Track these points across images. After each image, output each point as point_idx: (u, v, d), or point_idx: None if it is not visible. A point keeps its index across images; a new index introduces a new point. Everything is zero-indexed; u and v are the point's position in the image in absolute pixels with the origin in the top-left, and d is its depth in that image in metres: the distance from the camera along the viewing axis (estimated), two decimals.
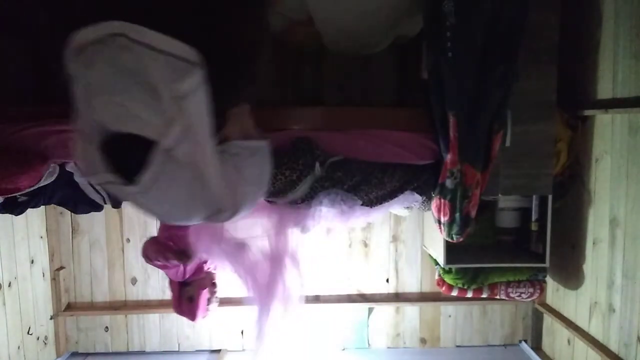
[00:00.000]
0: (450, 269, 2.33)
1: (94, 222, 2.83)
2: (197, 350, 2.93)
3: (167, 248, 1.84)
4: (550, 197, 2.15)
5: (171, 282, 2.02)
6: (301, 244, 1.73)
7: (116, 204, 2.00)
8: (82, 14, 0.98)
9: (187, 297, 1.95)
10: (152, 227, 2.78)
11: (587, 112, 2.17)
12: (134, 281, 2.88)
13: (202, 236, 1.74)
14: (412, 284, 2.95)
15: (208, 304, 2.02)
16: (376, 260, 2.93)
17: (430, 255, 2.57)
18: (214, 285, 2.01)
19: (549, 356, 2.73)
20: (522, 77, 1.81)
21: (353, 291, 2.94)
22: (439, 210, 1.92)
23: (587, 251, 2.27)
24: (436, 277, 2.47)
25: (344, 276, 2.93)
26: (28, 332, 2.59)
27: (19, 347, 2.50)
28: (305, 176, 1.62)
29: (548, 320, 2.75)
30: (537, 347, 2.85)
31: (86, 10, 1.00)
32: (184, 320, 2.81)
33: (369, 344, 2.96)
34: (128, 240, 2.85)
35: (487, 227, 2.48)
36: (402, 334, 2.98)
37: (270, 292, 1.65)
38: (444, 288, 2.41)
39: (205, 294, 1.96)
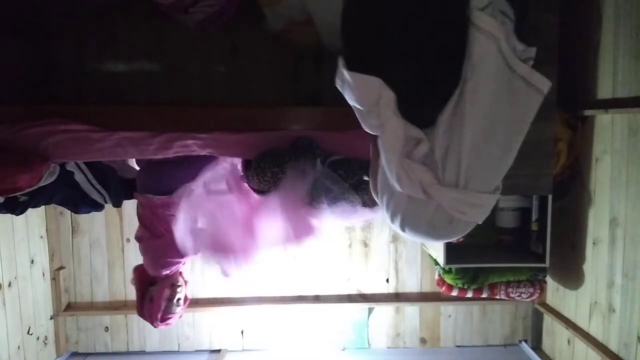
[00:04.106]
0: (450, 269, 2.33)
1: (94, 222, 2.83)
2: (197, 350, 2.93)
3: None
4: (550, 197, 2.14)
5: (136, 282, 1.97)
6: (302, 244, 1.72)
7: (117, 203, 1.99)
8: None
9: (149, 297, 1.89)
10: None
11: (587, 112, 2.17)
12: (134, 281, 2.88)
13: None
14: (412, 284, 2.95)
15: (170, 307, 1.89)
16: (376, 260, 2.93)
17: (430, 255, 2.57)
18: (173, 287, 1.89)
19: (549, 356, 2.73)
20: None
21: (353, 291, 2.94)
22: None
23: (587, 251, 2.27)
24: (436, 277, 2.47)
25: (344, 276, 2.93)
26: (28, 332, 2.59)
27: (19, 347, 2.50)
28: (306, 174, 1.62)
29: (548, 320, 2.75)
30: (537, 347, 2.85)
31: None
32: (184, 320, 2.83)
33: (369, 344, 2.96)
34: (128, 240, 2.84)
35: (487, 227, 2.48)
36: (402, 334, 2.98)
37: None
38: (444, 288, 2.41)
39: (164, 292, 1.86)
